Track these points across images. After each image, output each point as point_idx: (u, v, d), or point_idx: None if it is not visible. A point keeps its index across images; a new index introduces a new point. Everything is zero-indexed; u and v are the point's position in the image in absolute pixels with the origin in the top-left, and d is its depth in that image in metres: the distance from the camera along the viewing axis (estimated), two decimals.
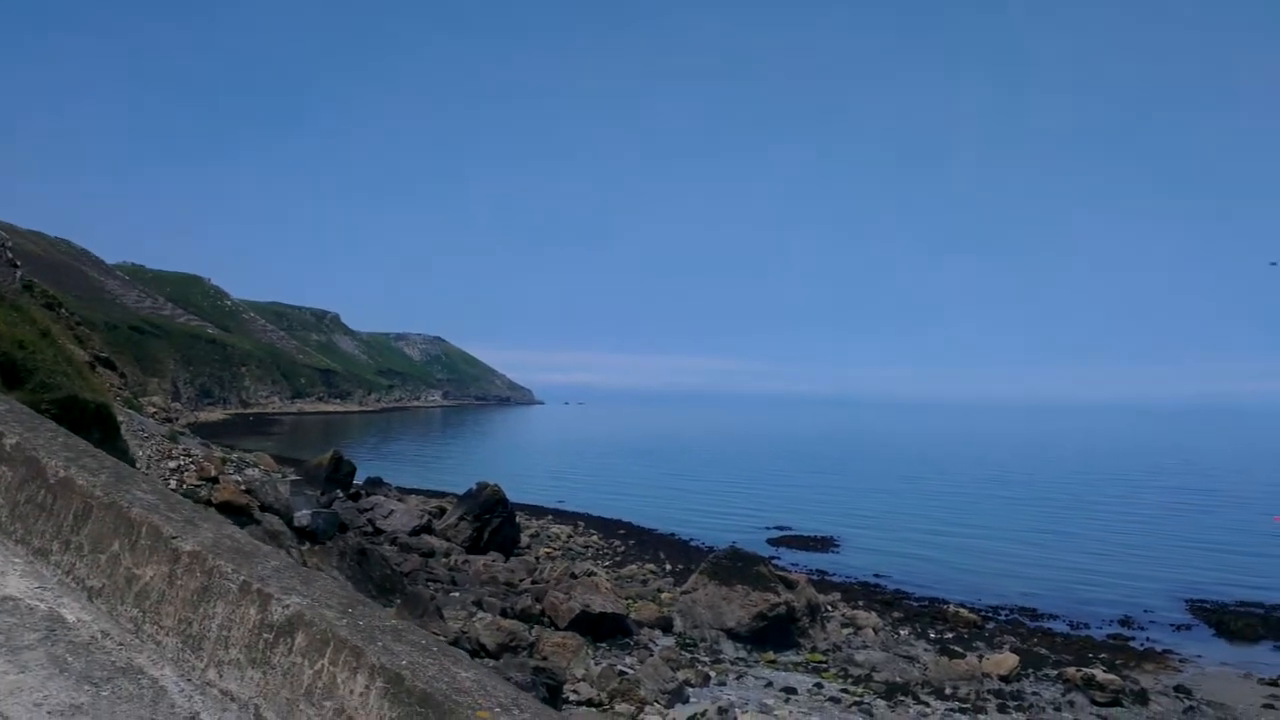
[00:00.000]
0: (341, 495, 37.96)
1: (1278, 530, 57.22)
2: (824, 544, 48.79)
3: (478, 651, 19.40)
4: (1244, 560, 45.85)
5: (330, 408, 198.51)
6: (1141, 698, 22.93)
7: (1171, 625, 33.02)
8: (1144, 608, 35.27)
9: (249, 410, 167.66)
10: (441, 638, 10.44)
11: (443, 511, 39.15)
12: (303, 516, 26.69)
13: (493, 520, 36.23)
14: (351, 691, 2.96)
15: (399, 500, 41.27)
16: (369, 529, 34.39)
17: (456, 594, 26.26)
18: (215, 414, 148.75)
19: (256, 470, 30.97)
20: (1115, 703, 22.29)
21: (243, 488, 26.91)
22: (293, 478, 32.76)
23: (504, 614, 23.72)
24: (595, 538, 44.81)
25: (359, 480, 43.56)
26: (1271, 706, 23.45)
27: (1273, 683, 25.71)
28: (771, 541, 48.35)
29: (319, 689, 3.10)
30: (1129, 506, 69.00)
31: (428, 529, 35.52)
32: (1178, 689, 24.34)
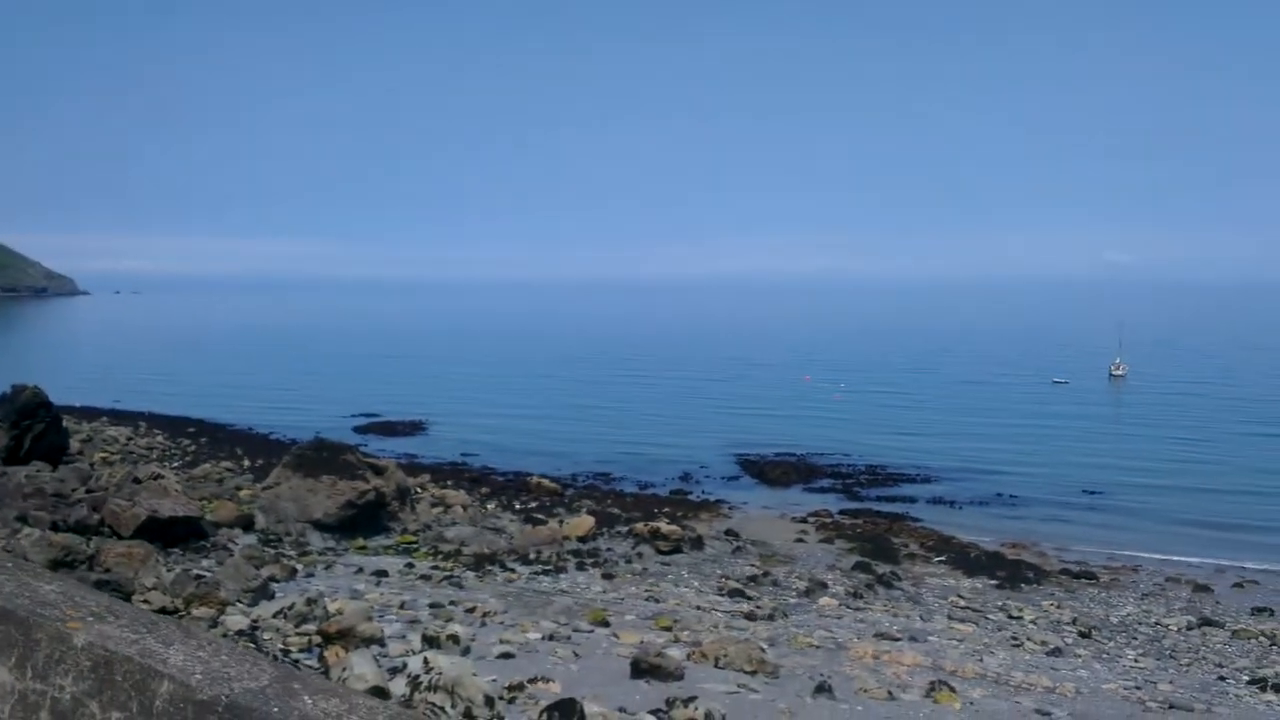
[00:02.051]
0: None
1: (809, 388, 66.54)
2: (413, 428, 49.09)
3: None
4: (779, 418, 52.90)
5: None
6: (698, 543, 25.94)
7: (723, 478, 37.51)
8: (700, 464, 39.65)
9: None
10: None
11: None
12: None
13: (35, 426, 32.03)
14: None
15: None
16: None
17: None
18: None
19: None
20: (677, 550, 25.01)
21: None
22: None
23: (55, 528, 21.33)
24: (161, 438, 41.59)
25: None
26: (801, 540, 27.67)
27: (801, 520, 30.27)
28: (359, 429, 47.78)
29: None
30: (685, 376, 76.39)
31: None
32: (728, 532, 27.85)
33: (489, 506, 30.47)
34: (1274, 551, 27.07)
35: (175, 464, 34.88)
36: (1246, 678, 16.17)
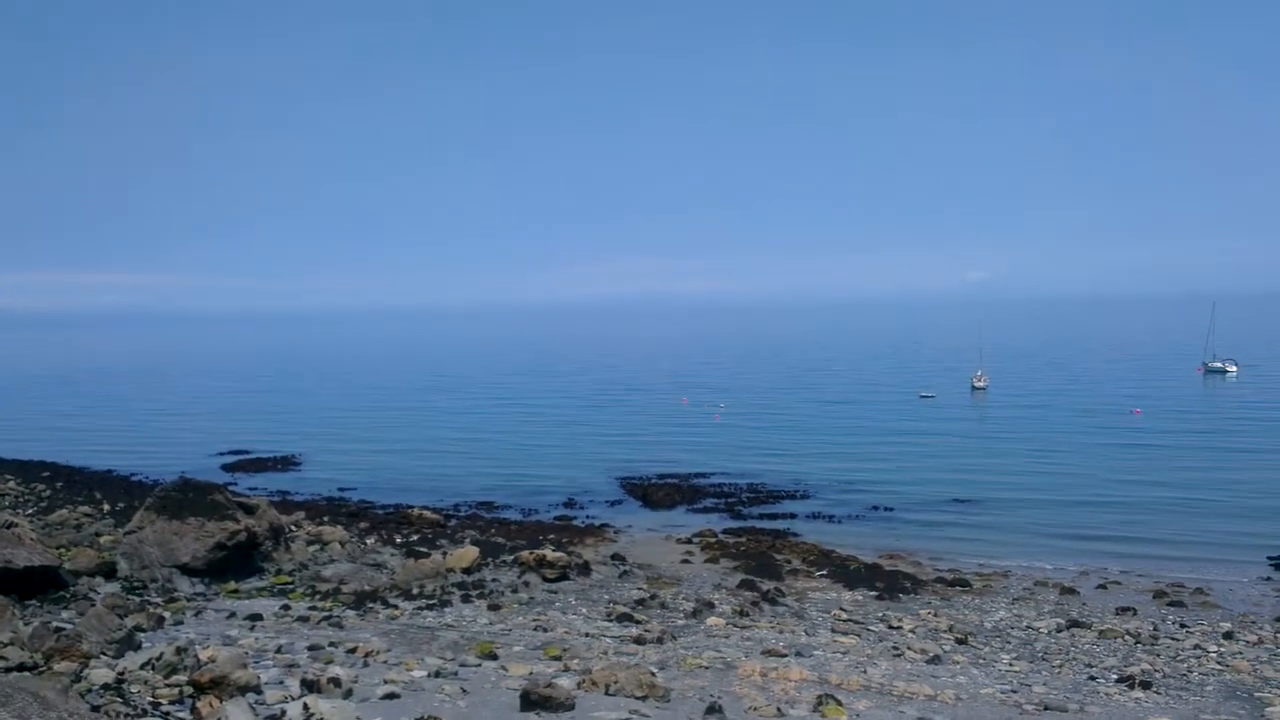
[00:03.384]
0: None
1: (689, 411, 67.26)
2: (285, 463, 47.56)
3: None
4: (661, 441, 53.17)
5: None
6: (585, 569, 25.76)
7: (607, 502, 37.43)
8: (584, 489, 39.51)
9: None
10: None
11: None
12: None
13: None
14: None
15: None
16: None
17: None
18: None
19: None
20: (563, 577, 24.78)
21: None
22: None
23: None
24: (12, 483, 39.35)
25: None
26: (687, 561, 27.77)
27: (687, 541, 30.42)
28: (227, 467, 46.03)
29: None
30: (565, 403, 76.18)
31: None
32: (614, 557, 27.76)
33: (368, 541, 29.65)
34: (1131, 557, 28.45)
35: (29, 510, 32.96)
36: (1115, 676, 16.90)
